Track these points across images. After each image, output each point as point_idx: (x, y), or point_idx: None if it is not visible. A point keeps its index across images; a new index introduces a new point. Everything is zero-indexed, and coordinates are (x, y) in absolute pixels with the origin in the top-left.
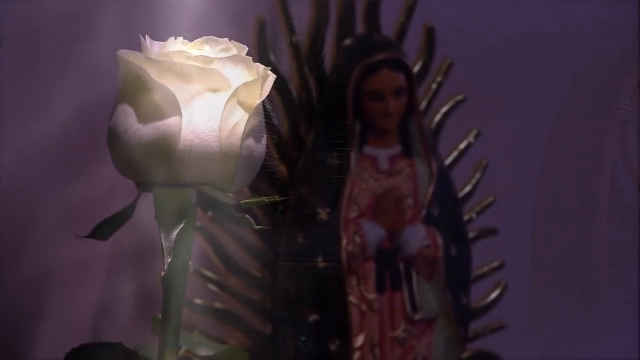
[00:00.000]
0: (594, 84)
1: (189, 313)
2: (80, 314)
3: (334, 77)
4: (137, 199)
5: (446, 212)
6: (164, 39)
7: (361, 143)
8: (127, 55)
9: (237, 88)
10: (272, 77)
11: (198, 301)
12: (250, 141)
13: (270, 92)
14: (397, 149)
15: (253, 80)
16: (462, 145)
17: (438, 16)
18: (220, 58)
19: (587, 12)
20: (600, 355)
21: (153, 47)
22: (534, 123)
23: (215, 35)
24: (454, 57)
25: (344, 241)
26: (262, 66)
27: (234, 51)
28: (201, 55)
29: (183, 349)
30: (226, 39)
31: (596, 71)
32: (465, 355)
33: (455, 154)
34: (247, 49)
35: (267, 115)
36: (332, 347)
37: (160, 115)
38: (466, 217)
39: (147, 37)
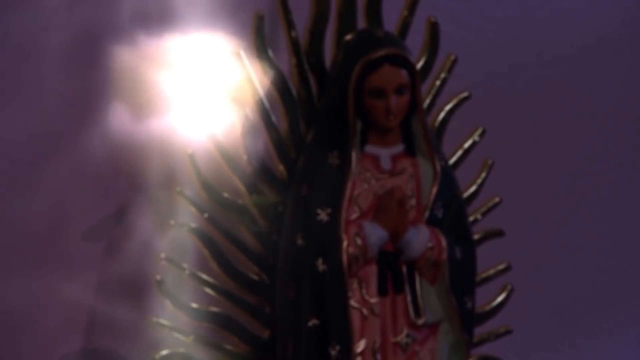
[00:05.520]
0: (599, 80)
1: (186, 317)
2: (74, 317)
3: (334, 73)
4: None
5: (450, 213)
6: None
7: (362, 142)
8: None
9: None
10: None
11: (194, 305)
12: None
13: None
14: (399, 148)
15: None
16: (467, 144)
17: (442, 11)
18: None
19: (594, 7)
20: None
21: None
22: (540, 121)
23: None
24: (459, 53)
25: (345, 243)
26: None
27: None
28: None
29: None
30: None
31: (603, 66)
32: None
33: (459, 152)
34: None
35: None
36: (333, 352)
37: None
38: (471, 218)
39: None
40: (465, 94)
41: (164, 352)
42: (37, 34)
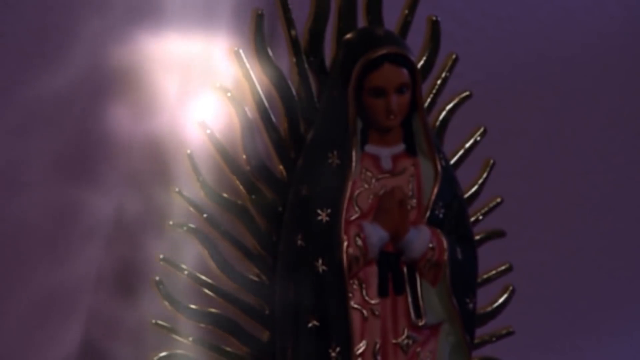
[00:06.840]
0: (601, 79)
1: (185, 319)
2: (72, 318)
3: (334, 72)
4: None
5: (451, 213)
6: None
7: (363, 142)
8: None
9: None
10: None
11: (193, 306)
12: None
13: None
14: (400, 147)
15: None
16: (468, 144)
17: (443, 9)
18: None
19: (597, 6)
20: None
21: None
22: (542, 120)
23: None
24: (460, 52)
25: (345, 244)
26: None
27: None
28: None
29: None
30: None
31: (606, 65)
32: None
33: (461, 152)
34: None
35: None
36: (333, 354)
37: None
38: (472, 219)
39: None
40: (466, 93)
41: (163, 354)
42: (35, 33)
